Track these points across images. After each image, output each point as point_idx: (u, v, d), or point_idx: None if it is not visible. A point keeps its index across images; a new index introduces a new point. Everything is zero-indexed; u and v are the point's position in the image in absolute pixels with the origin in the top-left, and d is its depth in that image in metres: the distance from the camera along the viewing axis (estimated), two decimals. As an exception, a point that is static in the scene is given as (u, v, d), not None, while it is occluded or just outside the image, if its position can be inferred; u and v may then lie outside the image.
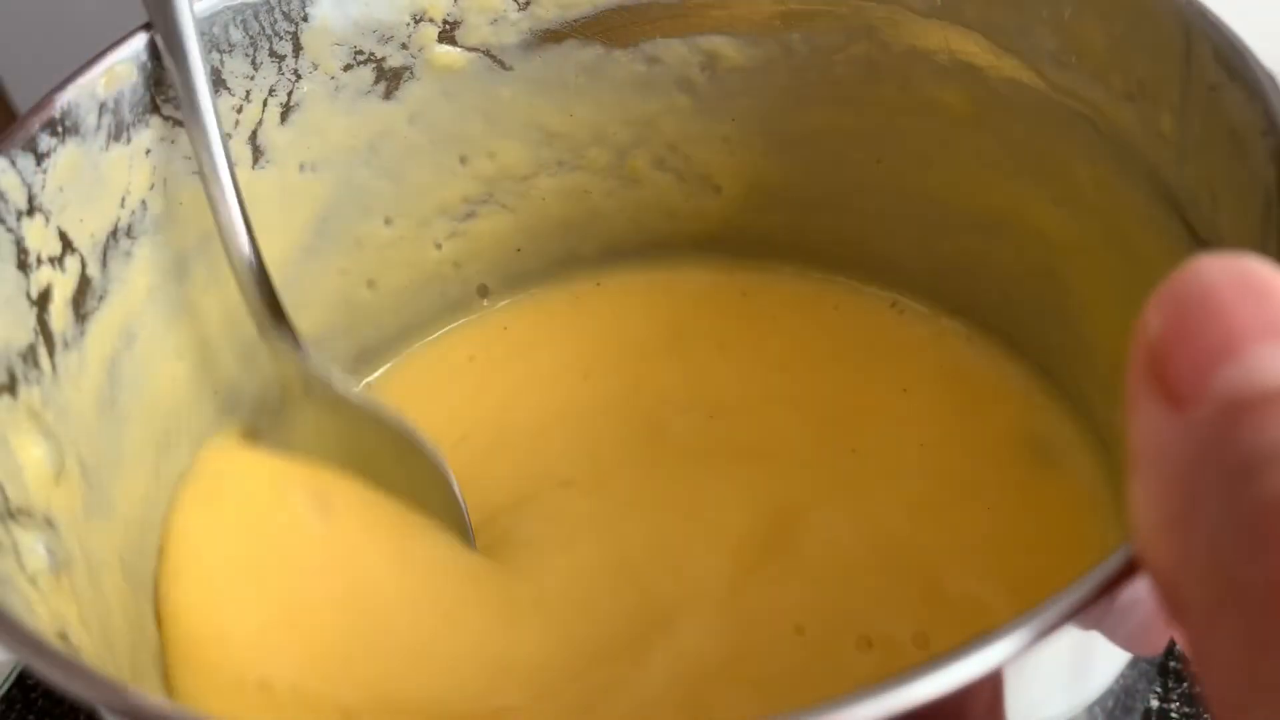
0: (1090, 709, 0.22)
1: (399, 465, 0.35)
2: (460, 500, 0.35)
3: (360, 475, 0.35)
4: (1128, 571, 0.18)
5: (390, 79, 0.35)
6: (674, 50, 0.37)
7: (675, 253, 0.41)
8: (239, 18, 0.32)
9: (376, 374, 0.40)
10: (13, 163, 0.28)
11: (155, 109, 0.31)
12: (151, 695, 0.19)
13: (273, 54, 0.33)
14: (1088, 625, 0.18)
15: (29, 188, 0.28)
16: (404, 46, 0.35)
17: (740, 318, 0.40)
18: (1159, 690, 0.35)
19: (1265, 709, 0.13)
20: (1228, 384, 0.15)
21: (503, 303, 0.42)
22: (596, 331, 0.41)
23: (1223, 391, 0.15)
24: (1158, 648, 0.24)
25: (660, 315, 0.41)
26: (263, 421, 0.36)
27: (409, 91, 0.36)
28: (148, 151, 0.31)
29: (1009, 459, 0.35)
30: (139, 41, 0.30)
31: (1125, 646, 0.21)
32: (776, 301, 0.41)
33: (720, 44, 0.37)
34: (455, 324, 0.41)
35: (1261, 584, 0.13)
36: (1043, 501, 0.34)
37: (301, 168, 0.35)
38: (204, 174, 0.31)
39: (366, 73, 0.35)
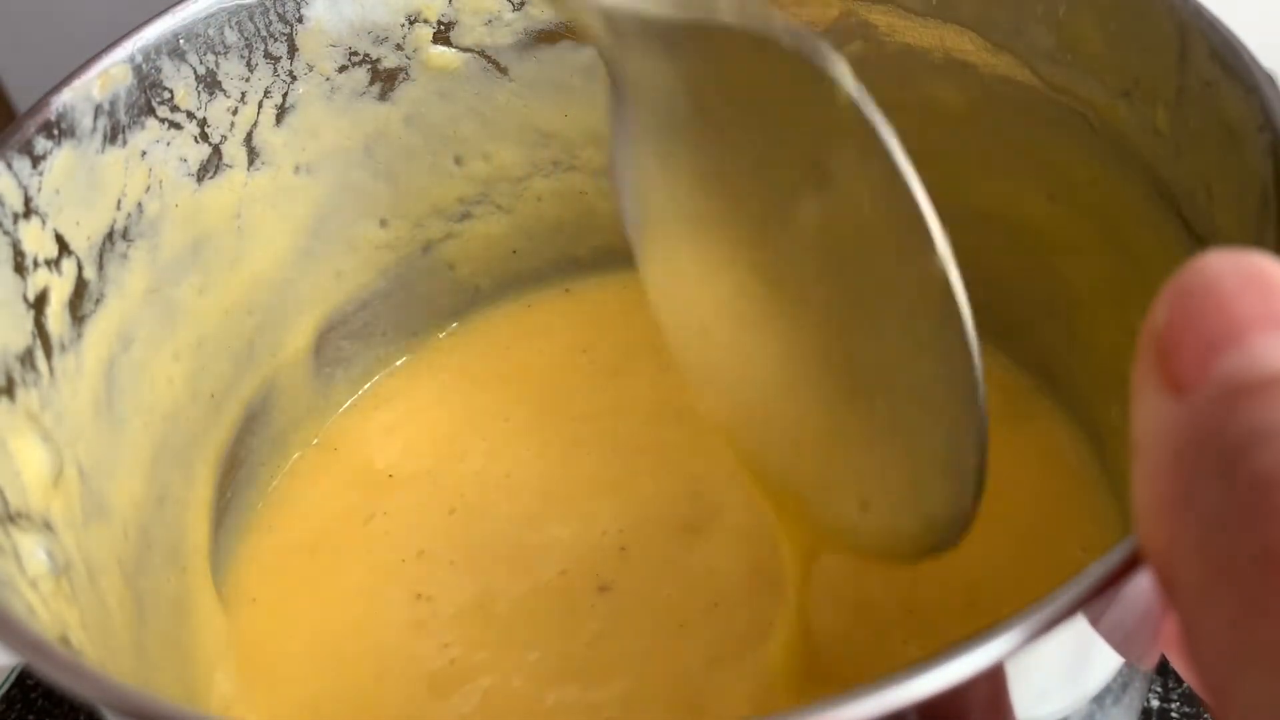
0: (1090, 705, 0.22)
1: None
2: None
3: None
4: (1127, 568, 0.18)
5: (385, 80, 0.35)
6: (668, 50, 0.37)
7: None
8: (234, 19, 0.32)
9: (374, 380, 0.40)
10: (9, 165, 0.27)
11: (151, 111, 0.31)
12: (153, 695, 0.19)
13: (268, 55, 0.33)
14: (1088, 621, 0.18)
15: (25, 190, 0.28)
16: (399, 48, 0.35)
17: None
18: (1159, 690, 0.35)
19: (1256, 675, 0.13)
20: (1228, 370, 0.15)
21: (499, 304, 0.42)
22: (594, 322, 0.41)
23: (1223, 377, 0.15)
24: (1151, 659, 0.24)
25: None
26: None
27: (404, 93, 0.36)
28: (143, 154, 0.31)
29: (1000, 455, 0.35)
30: (134, 43, 0.30)
31: (1120, 649, 0.21)
32: None
33: (714, 43, 0.37)
34: (452, 326, 0.41)
35: (1251, 553, 0.14)
36: (1036, 499, 0.34)
37: (297, 169, 0.35)
38: None
39: (361, 74, 0.35)
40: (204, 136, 0.32)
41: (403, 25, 0.35)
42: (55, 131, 0.29)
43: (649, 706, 0.31)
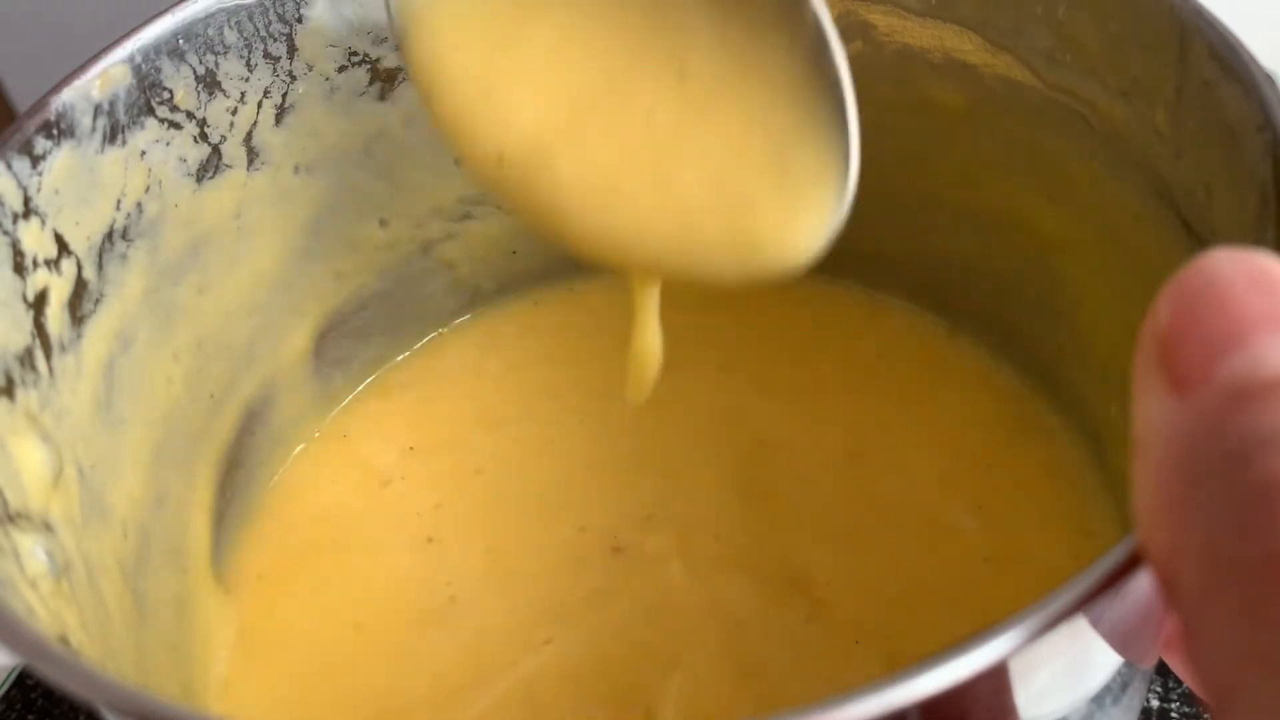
0: (1090, 704, 0.22)
1: None
2: None
3: None
4: (1128, 566, 0.18)
5: (385, 80, 0.35)
6: (668, 50, 0.37)
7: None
8: (233, 19, 0.32)
9: (372, 378, 0.40)
10: (9, 165, 0.27)
11: (150, 111, 0.31)
12: (153, 695, 0.19)
13: (267, 55, 0.33)
14: (1089, 621, 0.18)
15: (25, 190, 0.28)
16: (399, 47, 0.35)
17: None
18: (1159, 690, 0.36)
19: (1258, 678, 0.13)
20: (1232, 372, 0.15)
21: (498, 305, 0.42)
22: (597, 319, 0.41)
23: (1227, 379, 0.15)
24: (1151, 658, 0.24)
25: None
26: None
27: (404, 92, 0.36)
28: (143, 154, 0.31)
29: (1000, 455, 0.35)
30: (133, 43, 0.30)
31: (1120, 649, 0.21)
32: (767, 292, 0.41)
33: (714, 43, 0.37)
34: (452, 326, 0.41)
35: (1255, 560, 0.14)
36: (1036, 499, 0.34)
37: (296, 169, 0.35)
38: None
39: (361, 74, 0.35)
40: (204, 136, 0.32)
41: (402, 25, 0.35)
42: (55, 131, 0.28)
43: (628, 669, 0.32)
